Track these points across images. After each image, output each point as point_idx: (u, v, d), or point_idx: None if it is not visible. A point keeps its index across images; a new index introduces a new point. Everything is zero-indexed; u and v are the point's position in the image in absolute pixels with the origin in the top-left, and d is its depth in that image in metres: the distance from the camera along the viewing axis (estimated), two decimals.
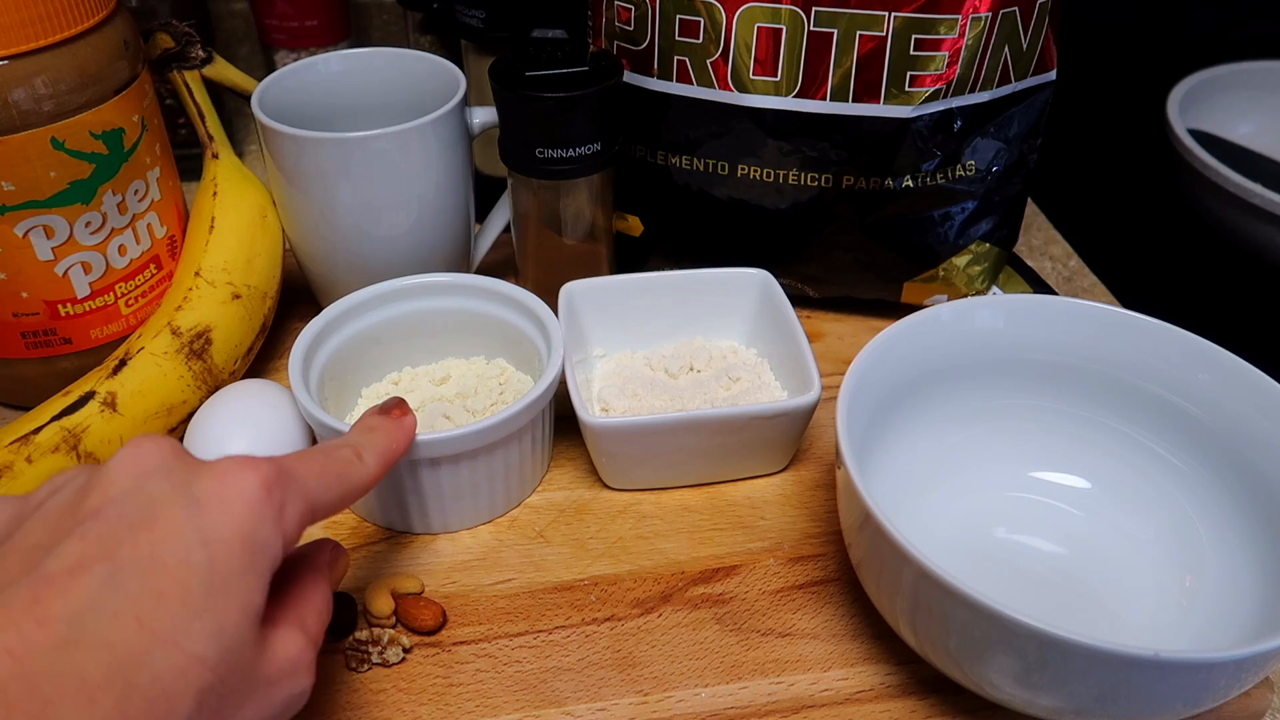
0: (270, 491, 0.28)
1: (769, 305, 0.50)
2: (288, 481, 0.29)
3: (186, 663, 0.25)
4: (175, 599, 0.25)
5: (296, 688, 0.29)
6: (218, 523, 0.26)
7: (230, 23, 0.78)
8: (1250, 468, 0.40)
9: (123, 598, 0.24)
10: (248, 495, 0.27)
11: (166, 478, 0.27)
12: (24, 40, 0.41)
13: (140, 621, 0.24)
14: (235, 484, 0.27)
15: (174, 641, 0.25)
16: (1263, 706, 0.38)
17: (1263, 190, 0.65)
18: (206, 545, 0.26)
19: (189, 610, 0.25)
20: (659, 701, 0.38)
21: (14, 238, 0.44)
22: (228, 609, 0.26)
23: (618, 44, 0.52)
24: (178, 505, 0.26)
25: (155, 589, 0.25)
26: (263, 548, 0.27)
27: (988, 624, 0.31)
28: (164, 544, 0.25)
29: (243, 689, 0.27)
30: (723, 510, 0.46)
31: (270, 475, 0.28)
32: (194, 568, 0.26)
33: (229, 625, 0.26)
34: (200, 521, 0.26)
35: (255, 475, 0.28)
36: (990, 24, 0.48)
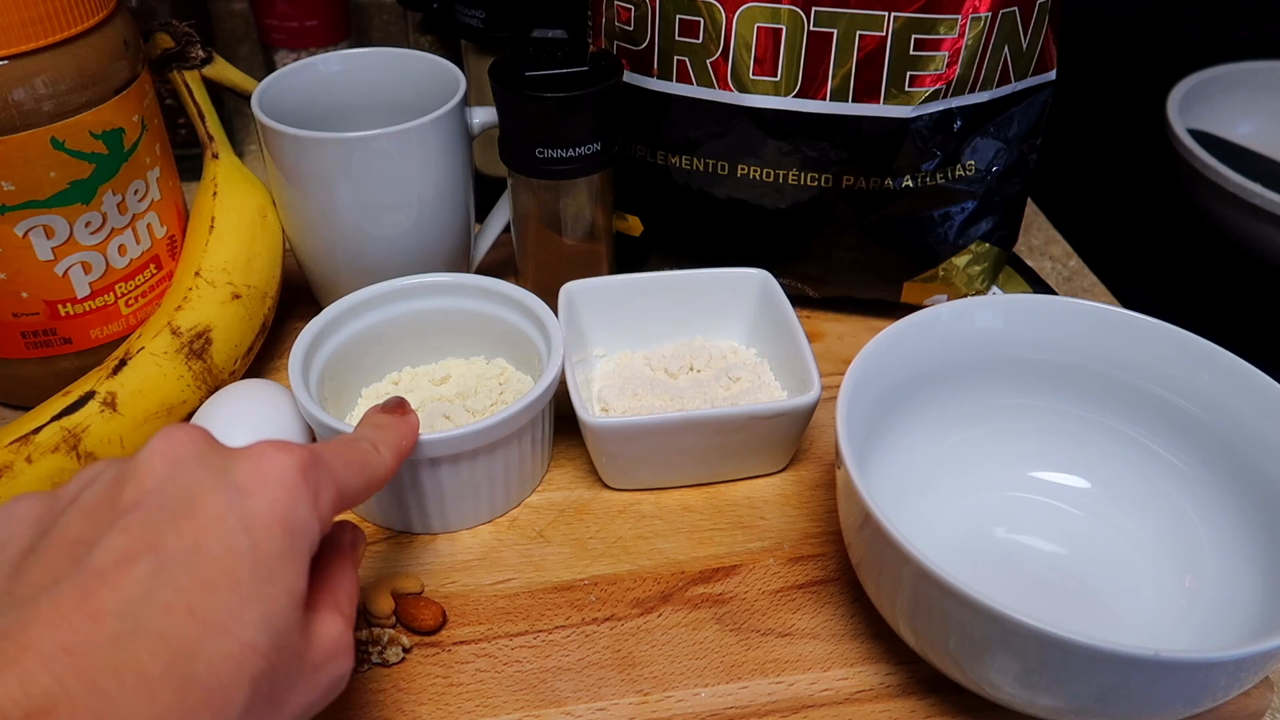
0: (306, 475, 0.28)
1: (769, 305, 0.50)
2: (320, 466, 0.29)
3: (241, 651, 0.25)
4: (224, 587, 0.25)
5: (339, 670, 0.29)
6: (259, 508, 0.26)
7: (230, 23, 0.78)
8: (1250, 468, 0.40)
9: (172, 588, 0.24)
10: (286, 479, 0.27)
11: (203, 465, 0.27)
12: (24, 40, 0.41)
13: (192, 611, 0.24)
14: (273, 468, 0.27)
15: (226, 630, 0.25)
16: (1262, 706, 0.38)
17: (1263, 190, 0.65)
18: (250, 531, 0.26)
19: (238, 598, 0.25)
20: (659, 701, 0.38)
21: (14, 238, 0.44)
22: (275, 595, 0.26)
23: (618, 44, 0.52)
24: (218, 492, 0.26)
25: (203, 578, 0.25)
26: (302, 531, 0.27)
27: (988, 624, 0.31)
28: (207, 532, 0.25)
29: (292, 674, 0.27)
30: (723, 510, 0.46)
31: (305, 459, 0.28)
32: (239, 554, 0.25)
33: (277, 611, 0.26)
34: (241, 508, 0.26)
35: (291, 459, 0.28)
36: (990, 24, 0.48)
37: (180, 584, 0.24)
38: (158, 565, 0.24)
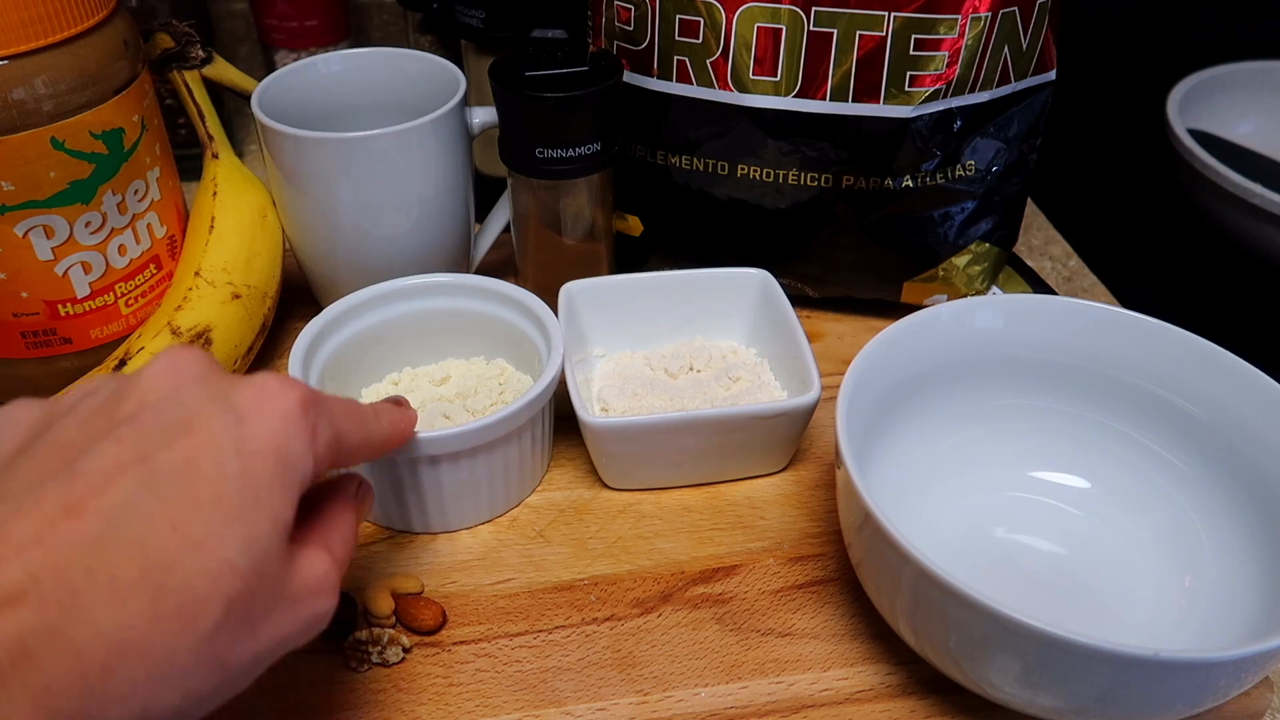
0: (305, 411, 0.28)
1: (769, 305, 0.50)
2: (321, 406, 0.29)
3: (218, 569, 0.25)
4: (209, 506, 0.25)
5: (320, 607, 0.29)
6: (254, 434, 0.27)
7: (230, 23, 0.78)
8: (1250, 468, 0.40)
9: (157, 501, 0.25)
10: (285, 410, 0.27)
11: (204, 387, 0.27)
12: (24, 40, 0.41)
13: (174, 526, 0.25)
14: (273, 399, 0.27)
15: (206, 547, 0.25)
16: (1262, 706, 0.38)
17: (1263, 190, 0.65)
18: (242, 455, 0.26)
19: (222, 517, 0.25)
20: (659, 701, 0.38)
21: (14, 238, 0.44)
22: (259, 520, 0.26)
23: (618, 44, 0.52)
24: (215, 414, 0.26)
25: (190, 495, 0.25)
26: (295, 463, 0.27)
27: (988, 624, 0.31)
28: (200, 451, 0.26)
29: (269, 602, 0.27)
30: (723, 510, 0.46)
31: (306, 396, 0.28)
32: (228, 476, 0.26)
33: (260, 536, 0.26)
34: (237, 432, 0.26)
35: (293, 393, 0.28)
36: (990, 24, 0.48)
37: (166, 497, 0.25)
38: (146, 477, 0.25)
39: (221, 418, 0.26)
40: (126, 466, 0.25)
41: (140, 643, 0.24)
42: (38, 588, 0.23)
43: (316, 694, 0.38)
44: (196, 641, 0.25)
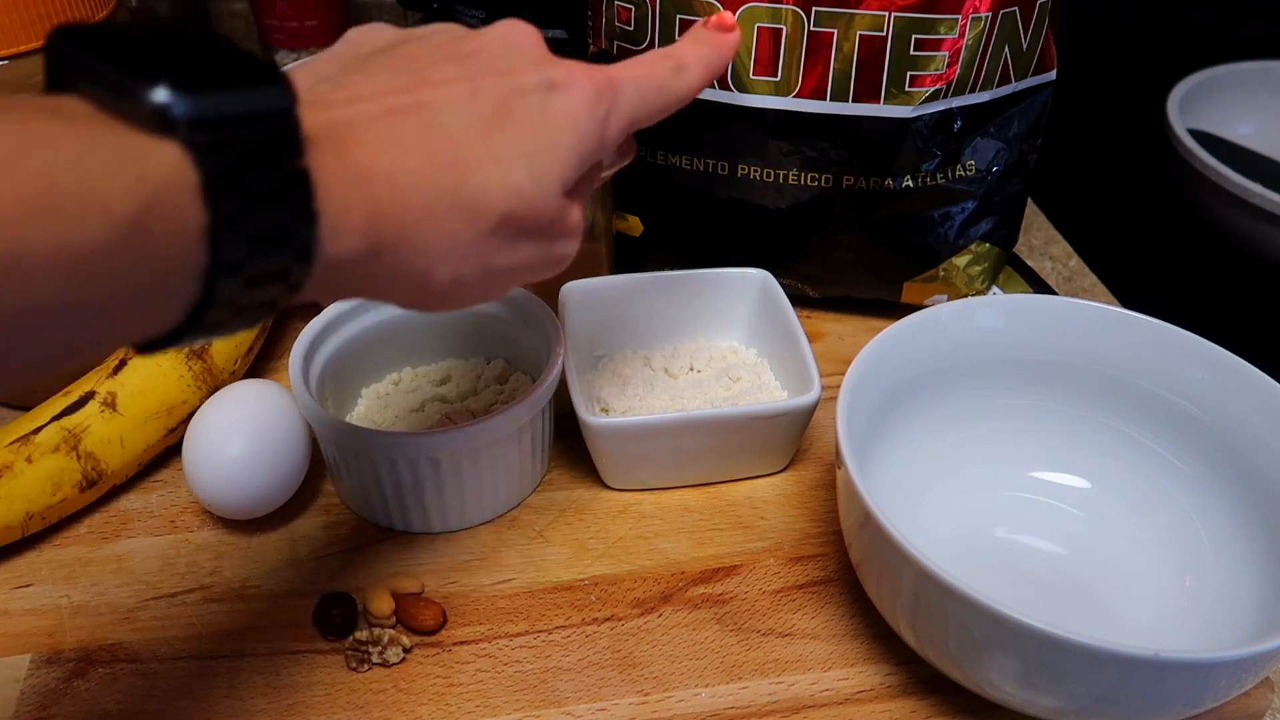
0: (601, 98, 0.32)
1: (769, 305, 0.50)
2: (614, 94, 0.33)
3: (507, 186, 0.29)
4: (514, 133, 0.30)
5: (569, 248, 0.34)
6: (557, 100, 0.31)
7: (230, 23, 0.78)
8: (1250, 467, 0.40)
9: (475, 113, 0.29)
10: (585, 91, 0.32)
11: (528, 54, 0.32)
12: (24, 40, 0.41)
13: (485, 135, 0.29)
14: (578, 80, 0.32)
15: (504, 165, 0.29)
16: (1262, 706, 0.38)
17: (1263, 190, 0.65)
18: (544, 113, 0.31)
19: (521, 149, 0.30)
20: (659, 701, 0.38)
21: None
22: (549, 165, 0.31)
23: (618, 44, 0.52)
24: (533, 72, 0.31)
25: (501, 121, 0.30)
26: (584, 137, 0.32)
27: (988, 624, 0.31)
28: (515, 94, 0.30)
29: (534, 230, 0.31)
30: (723, 510, 0.46)
31: (604, 84, 0.33)
32: (532, 122, 0.30)
33: (545, 176, 0.31)
34: (545, 94, 0.31)
35: (594, 81, 0.32)
36: (990, 24, 0.48)
37: (483, 114, 0.30)
38: (472, 93, 0.30)
39: (536, 76, 0.31)
40: (458, 80, 0.30)
41: (443, 216, 0.28)
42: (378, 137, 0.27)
43: (316, 694, 0.38)
44: (476, 234, 0.29)
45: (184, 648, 0.39)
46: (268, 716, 0.37)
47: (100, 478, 0.44)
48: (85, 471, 0.43)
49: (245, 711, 0.37)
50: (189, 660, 0.39)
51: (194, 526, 0.45)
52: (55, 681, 0.38)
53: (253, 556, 0.43)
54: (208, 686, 0.38)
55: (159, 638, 0.40)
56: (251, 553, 0.43)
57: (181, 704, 0.38)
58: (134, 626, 0.40)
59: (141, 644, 0.40)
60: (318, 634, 0.40)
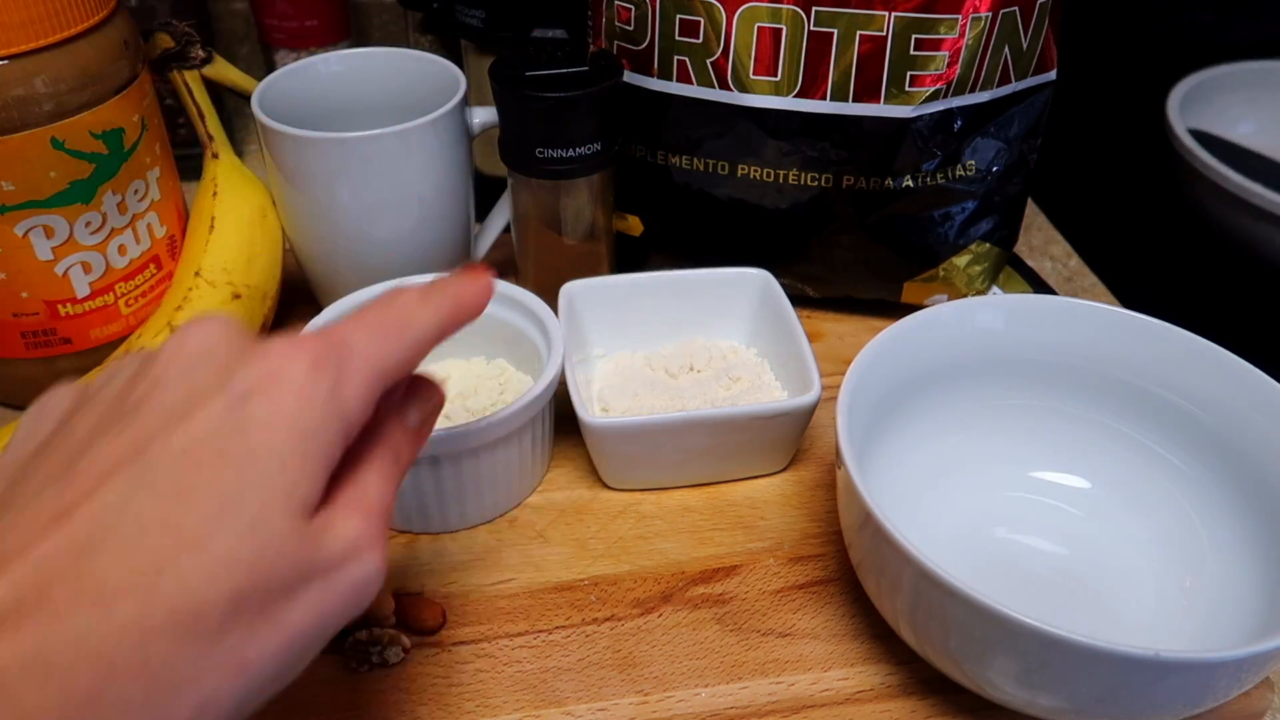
0: (321, 371, 0.25)
1: (769, 305, 0.50)
2: (342, 356, 0.26)
3: (216, 564, 0.23)
4: (206, 495, 0.23)
5: (361, 571, 0.26)
6: (259, 411, 0.25)
7: (230, 23, 0.78)
8: (1250, 468, 0.40)
9: (150, 499, 0.23)
10: (294, 379, 0.25)
11: (212, 364, 0.26)
12: (24, 40, 0.41)
13: (166, 524, 0.23)
14: (281, 369, 0.25)
15: (204, 543, 0.23)
16: (1262, 706, 0.38)
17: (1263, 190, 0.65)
18: (244, 435, 0.24)
19: (222, 506, 0.23)
20: (659, 701, 0.38)
21: (14, 238, 0.44)
22: (265, 500, 0.24)
23: (618, 44, 0.52)
24: (218, 394, 0.25)
25: (186, 486, 0.23)
26: (314, 433, 0.25)
27: (988, 624, 0.31)
28: (198, 437, 0.24)
29: (291, 585, 0.24)
30: (723, 510, 0.46)
31: (319, 353, 0.26)
32: (229, 459, 0.24)
33: (265, 519, 0.24)
34: (240, 411, 0.24)
35: (302, 358, 0.25)
36: (990, 24, 0.48)
37: (160, 493, 0.23)
38: (140, 473, 0.23)
39: (224, 399, 0.25)
40: (121, 463, 0.24)
41: (131, 659, 0.22)
42: (18, 608, 0.21)
43: (316, 694, 0.38)
44: (198, 649, 0.23)
45: None
46: (267, 716, 0.37)
47: None
48: None
49: None
50: None
51: None
52: None
53: None
54: None
55: None
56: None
57: None
58: None
59: None
60: None
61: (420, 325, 0.29)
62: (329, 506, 0.26)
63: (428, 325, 0.29)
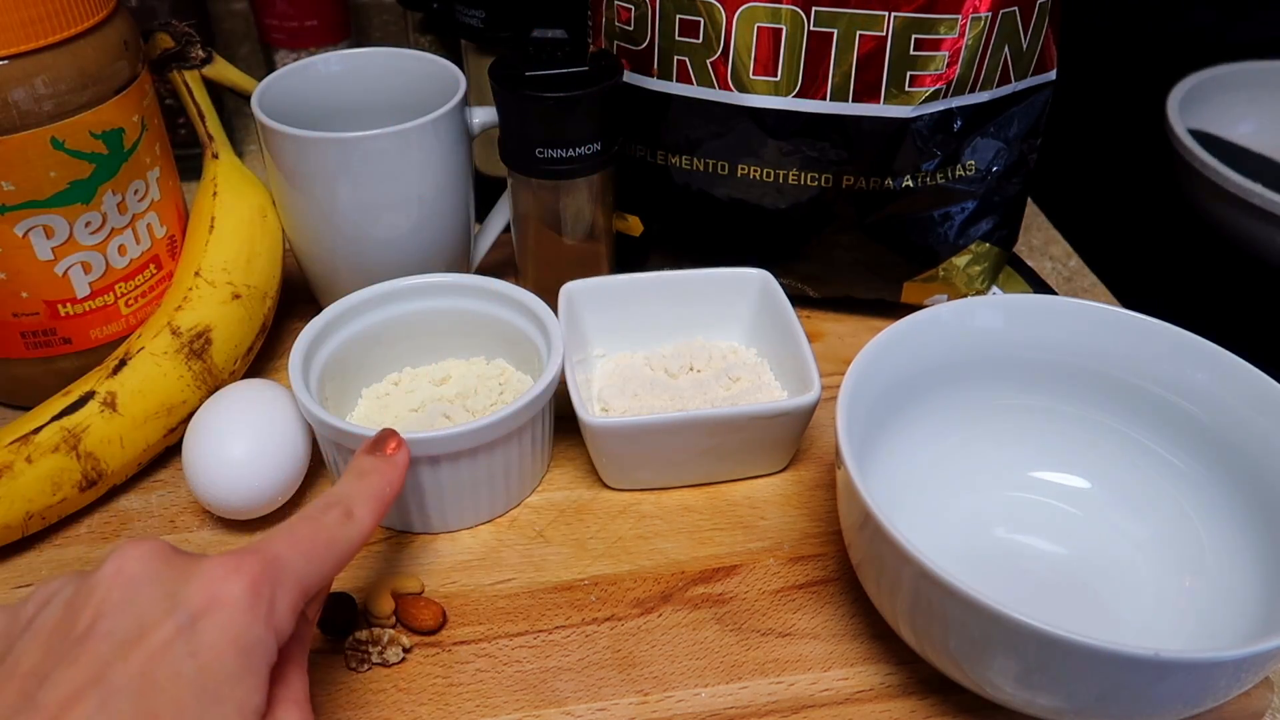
0: (259, 592, 0.28)
1: (769, 305, 0.50)
2: (276, 575, 0.29)
3: None
4: (169, 715, 0.25)
5: None
6: (207, 632, 0.27)
7: (230, 23, 0.78)
8: (1250, 467, 0.40)
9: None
10: (236, 600, 0.27)
11: (155, 587, 0.27)
12: (24, 40, 0.41)
13: None
14: (223, 590, 0.27)
15: None
16: (1262, 706, 0.38)
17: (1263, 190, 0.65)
18: (196, 655, 0.26)
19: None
20: (659, 701, 0.38)
21: (14, 238, 0.44)
22: (225, 714, 0.26)
23: (618, 44, 0.52)
24: (166, 618, 0.27)
25: (149, 709, 0.25)
26: (256, 648, 0.28)
27: (988, 624, 0.31)
28: (154, 660, 0.26)
29: None
30: (723, 510, 0.46)
31: (257, 574, 0.28)
32: (186, 680, 0.26)
33: None
34: (190, 633, 0.26)
35: (241, 579, 0.28)
36: (990, 24, 0.48)
37: (126, 716, 0.25)
38: (104, 699, 0.25)
39: (172, 621, 0.26)
40: (83, 690, 0.25)
41: None
42: None
43: (316, 694, 0.38)
44: None
45: None
46: None
47: (100, 478, 0.44)
48: (85, 471, 0.43)
49: None
50: None
51: (194, 526, 0.45)
52: None
53: None
54: None
55: None
56: None
57: None
58: None
59: None
60: (318, 634, 0.40)
61: (343, 544, 0.32)
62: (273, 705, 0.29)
63: (353, 540, 0.33)
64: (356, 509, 0.33)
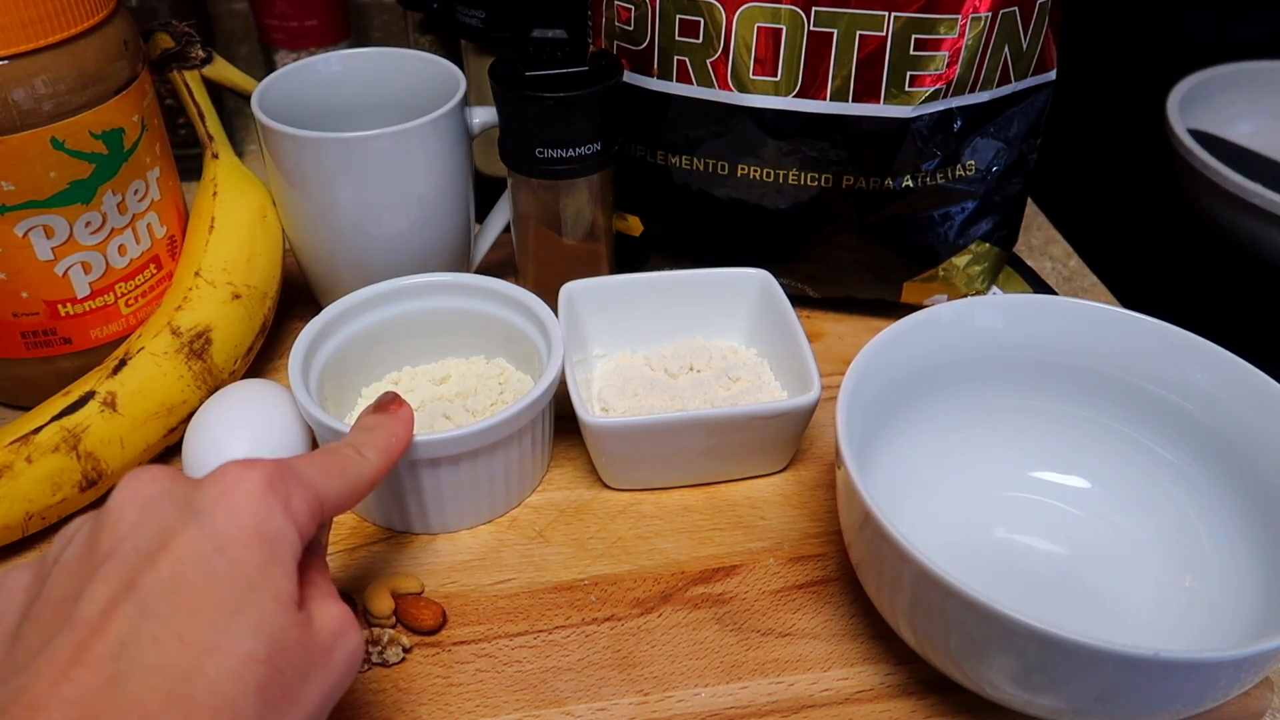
0: (273, 486, 0.28)
1: (769, 305, 0.50)
2: (289, 475, 0.29)
3: (239, 664, 0.25)
4: (208, 608, 0.26)
5: (349, 646, 0.29)
6: (228, 527, 0.27)
7: (230, 23, 0.78)
8: (1250, 467, 0.40)
9: (158, 622, 0.25)
10: (252, 493, 0.28)
11: (169, 500, 0.28)
12: (24, 40, 0.41)
13: (182, 639, 0.25)
14: (237, 486, 0.28)
15: (219, 648, 0.25)
16: (1263, 706, 0.38)
17: (1263, 190, 0.65)
18: (223, 550, 0.27)
19: (225, 613, 0.26)
20: (659, 701, 0.38)
21: (14, 238, 0.44)
22: (261, 602, 0.27)
23: (618, 44, 0.52)
24: (186, 522, 0.27)
25: (187, 605, 0.26)
26: (278, 537, 0.28)
27: (988, 624, 0.31)
28: (183, 562, 0.26)
29: (301, 670, 0.27)
30: (723, 510, 0.46)
31: (270, 471, 0.29)
32: (217, 574, 0.26)
33: (267, 616, 0.27)
34: (211, 530, 0.27)
35: (254, 474, 0.28)
36: (990, 24, 0.48)
37: (165, 616, 0.25)
38: (140, 604, 0.25)
39: (192, 523, 0.27)
40: (119, 600, 0.25)
41: None
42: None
43: None
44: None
45: None
46: None
47: (100, 477, 0.44)
48: (85, 471, 0.43)
49: None
50: None
51: None
52: None
53: None
54: None
55: None
56: None
57: None
58: None
59: None
60: None
61: (357, 474, 0.33)
62: (306, 598, 0.29)
63: (364, 474, 0.34)
64: (366, 451, 0.34)
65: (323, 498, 0.31)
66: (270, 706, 0.26)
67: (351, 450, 0.34)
